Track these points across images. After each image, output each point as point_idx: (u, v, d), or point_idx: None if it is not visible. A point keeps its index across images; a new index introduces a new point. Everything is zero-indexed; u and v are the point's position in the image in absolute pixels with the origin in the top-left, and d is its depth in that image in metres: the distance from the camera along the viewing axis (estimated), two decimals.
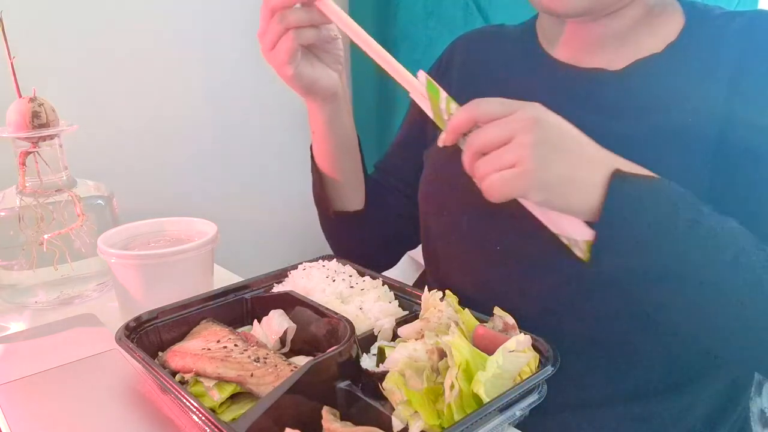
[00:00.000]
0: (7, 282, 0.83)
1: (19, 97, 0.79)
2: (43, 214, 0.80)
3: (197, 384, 0.52)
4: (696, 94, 0.63)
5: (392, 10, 1.43)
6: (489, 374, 0.43)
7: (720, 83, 0.62)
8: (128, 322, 0.58)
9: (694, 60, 0.65)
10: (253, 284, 0.67)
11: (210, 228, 0.77)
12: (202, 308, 0.63)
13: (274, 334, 0.59)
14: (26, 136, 0.78)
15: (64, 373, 0.63)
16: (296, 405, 0.47)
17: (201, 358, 0.53)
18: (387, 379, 0.46)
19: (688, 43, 0.67)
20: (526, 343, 0.47)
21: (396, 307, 0.62)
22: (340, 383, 0.50)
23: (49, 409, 0.57)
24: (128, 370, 0.61)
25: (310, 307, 0.59)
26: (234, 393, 0.52)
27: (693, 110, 0.62)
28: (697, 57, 0.65)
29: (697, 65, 0.65)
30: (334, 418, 0.46)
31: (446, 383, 0.44)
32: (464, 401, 0.43)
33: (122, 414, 0.56)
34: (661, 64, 0.66)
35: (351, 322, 0.55)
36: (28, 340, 0.72)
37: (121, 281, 0.72)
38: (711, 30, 0.66)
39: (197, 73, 1.30)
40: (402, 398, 0.44)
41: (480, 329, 0.50)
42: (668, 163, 0.57)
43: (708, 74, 0.63)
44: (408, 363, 0.47)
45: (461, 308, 0.54)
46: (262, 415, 0.44)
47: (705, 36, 0.66)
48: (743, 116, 0.61)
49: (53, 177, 0.82)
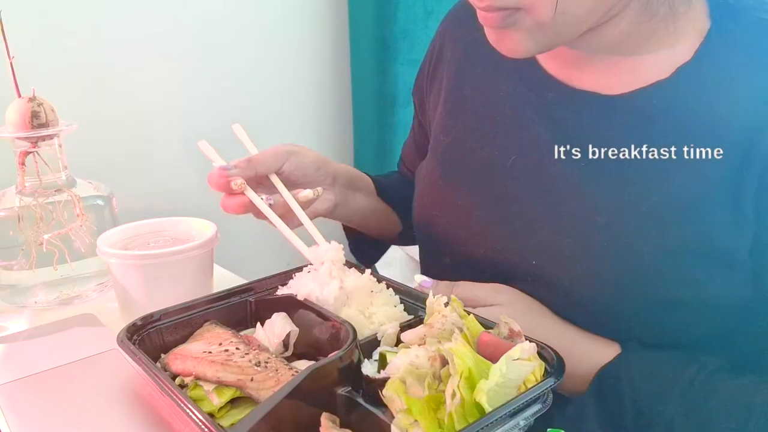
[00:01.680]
0: (6, 282, 0.83)
1: (19, 97, 0.78)
2: (43, 214, 0.80)
3: (197, 388, 0.52)
4: (714, 133, 0.54)
5: (392, 9, 1.43)
6: (492, 383, 0.42)
7: (750, 122, 0.53)
8: (130, 324, 0.57)
9: (711, 90, 0.55)
10: (257, 286, 0.66)
11: (210, 228, 0.77)
12: (206, 310, 0.62)
13: (276, 338, 0.59)
14: (26, 135, 0.77)
15: (63, 373, 0.63)
16: (295, 411, 0.46)
17: (201, 361, 0.53)
18: (387, 386, 0.45)
19: (707, 64, 0.56)
20: (531, 351, 0.46)
21: (401, 312, 0.61)
22: (340, 389, 0.49)
23: (48, 409, 0.57)
24: (128, 370, 0.61)
25: (313, 310, 0.58)
26: (234, 397, 0.51)
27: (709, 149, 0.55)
28: (716, 85, 0.55)
29: (716, 98, 0.55)
30: (333, 425, 0.46)
31: (448, 391, 0.43)
32: (466, 410, 0.42)
33: (122, 414, 0.56)
34: (667, 94, 0.57)
35: (353, 327, 0.54)
36: (27, 341, 0.72)
37: (120, 281, 0.72)
38: (742, 44, 0.55)
39: (198, 73, 1.30)
40: (402, 406, 0.43)
41: (484, 336, 0.50)
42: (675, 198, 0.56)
43: (732, 109, 0.54)
44: (409, 370, 0.46)
45: (466, 314, 0.54)
46: (260, 421, 0.44)
47: (732, 53, 0.55)
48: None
49: (53, 177, 0.81)
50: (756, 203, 0.54)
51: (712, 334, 0.57)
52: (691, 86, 0.56)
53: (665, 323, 0.57)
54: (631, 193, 0.57)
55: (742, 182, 0.53)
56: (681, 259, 0.55)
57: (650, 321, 0.57)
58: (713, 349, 0.57)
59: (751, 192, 0.53)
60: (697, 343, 0.57)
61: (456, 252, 0.70)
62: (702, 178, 0.54)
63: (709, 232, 0.55)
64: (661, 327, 0.57)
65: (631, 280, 0.57)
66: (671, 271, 0.56)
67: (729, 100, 0.54)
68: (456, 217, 0.69)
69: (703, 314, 0.56)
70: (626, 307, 0.57)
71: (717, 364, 0.56)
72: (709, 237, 0.55)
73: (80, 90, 1.12)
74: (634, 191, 0.57)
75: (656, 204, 0.56)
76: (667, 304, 0.56)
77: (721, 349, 0.57)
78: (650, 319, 0.57)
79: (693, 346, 0.57)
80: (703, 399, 0.54)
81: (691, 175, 0.55)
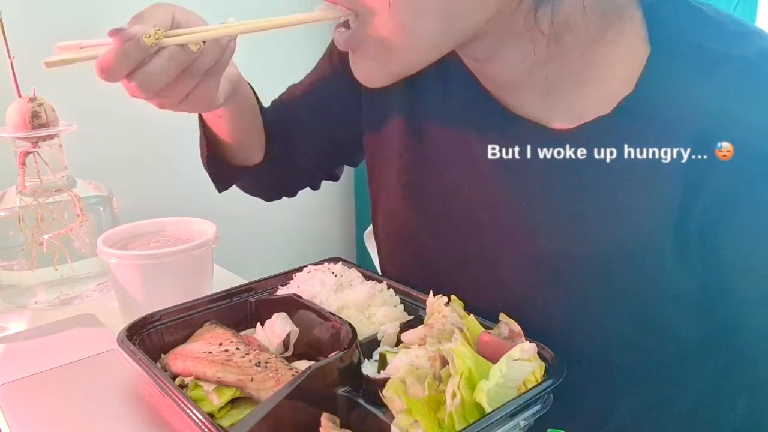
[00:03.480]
0: (6, 282, 0.83)
1: (19, 97, 0.78)
2: (43, 215, 0.79)
3: (197, 388, 0.52)
4: (659, 174, 0.49)
5: None
6: (492, 383, 0.42)
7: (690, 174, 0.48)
8: (130, 324, 0.57)
9: (654, 126, 0.49)
10: (258, 287, 0.66)
11: (210, 228, 0.77)
12: (206, 310, 0.62)
13: (276, 338, 0.59)
14: (26, 136, 0.77)
15: (63, 373, 0.63)
16: (295, 411, 0.46)
17: (202, 361, 0.53)
18: (387, 386, 0.45)
19: (648, 96, 0.50)
20: (531, 351, 0.46)
21: (401, 312, 0.61)
22: (340, 389, 0.49)
23: (48, 409, 0.57)
24: (128, 370, 0.61)
25: (313, 310, 0.58)
26: (234, 397, 0.51)
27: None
28: (659, 122, 0.49)
29: (659, 135, 0.49)
30: (332, 425, 0.46)
31: (448, 392, 0.43)
32: (466, 410, 0.42)
33: (122, 414, 0.55)
34: (609, 132, 0.51)
35: (353, 327, 0.54)
36: (27, 341, 0.72)
37: (120, 281, 0.72)
38: (682, 73, 0.49)
39: None
40: (402, 406, 0.43)
41: (484, 336, 0.50)
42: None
43: (675, 146, 0.48)
44: (409, 370, 0.46)
45: (466, 314, 0.54)
46: (260, 421, 0.44)
47: (673, 84, 0.49)
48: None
49: (53, 177, 0.81)
50: (701, 249, 0.50)
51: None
52: (634, 123, 0.50)
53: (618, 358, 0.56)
54: (573, 238, 0.54)
55: (686, 227, 0.49)
56: (629, 306, 0.53)
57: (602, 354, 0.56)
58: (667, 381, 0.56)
59: (695, 236, 0.49)
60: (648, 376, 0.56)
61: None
62: (646, 224, 0.50)
63: (656, 280, 0.52)
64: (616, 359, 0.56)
65: (581, 324, 0.56)
66: (622, 316, 0.54)
67: (671, 136, 0.49)
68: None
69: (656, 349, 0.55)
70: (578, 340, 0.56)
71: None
72: (655, 284, 0.52)
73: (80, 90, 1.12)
74: (579, 234, 0.54)
75: (599, 252, 0.53)
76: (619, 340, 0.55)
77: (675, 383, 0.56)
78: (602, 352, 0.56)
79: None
80: None
81: (634, 222, 0.51)
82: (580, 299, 0.55)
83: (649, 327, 0.54)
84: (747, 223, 0.47)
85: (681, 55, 0.49)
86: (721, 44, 0.48)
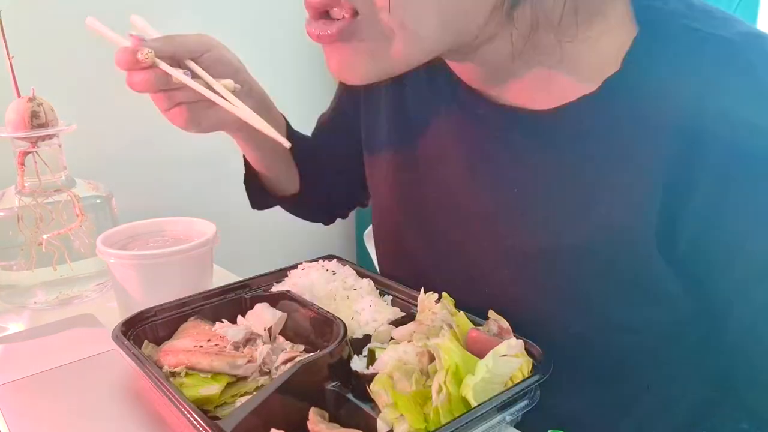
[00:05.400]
0: (6, 282, 0.83)
1: (18, 97, 0.78)
2: (42, 215, 0.79)
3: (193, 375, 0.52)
4: (645, 153, 0.49)
5: None
6: (478, 378, 0.42)
7: (673, 144, 0.47)
8: (125, 319, 0.58)
9: (641, 104, 0.49)
10: (252, 283, 0.67)
11: (209, 228, 0.77)
12: (201, 306, 0.62)
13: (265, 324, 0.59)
14: (25, 135, 0.77)
15: (63, 373, 0.63)
16: (285, 405, 0.47)
17: (195, 353, 0.54)
18: (375, 381, 0.45)
19: (635, 75, 0.50)
20: (518, 347, 0.46)
21: (393, 309, 0.61)
22: (329, 384, 0.50)
23: (48, 409, 0.57)
24: (127, 370, 0.61)
25: (305, 307, 0.59)
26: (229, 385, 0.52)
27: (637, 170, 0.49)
28: (646, 99, 0.49)
29: (647, 112, 0.49)
30: (320, 419, 0.46)
31: (434, 386, 0.43)
32: (453, 405, 0.42)
33: (121, 414, 0.55)
34: (595, 110, 0.51)
35: (344, 323, 0.54)
36: (27, 341, 0.71)
37: (120, 281, 0.72)
38: (670, 53, 0.49)
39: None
40: (388, 401, 0.44)
41: (473, 332, 0.50)
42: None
43: (664, 124, 0.48)
44: (397, 365, 0.46)
45: (456, 311, 0.54)
46: (250, 414, 0.44)
47: (660, 63, 0.49)
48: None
49: (52, 177, 0.81)
50: (694, 228, 0.49)
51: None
52: (620, 100, 0.50)
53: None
54: (557, 222, 0.54)
55: (676, 205, 0.48)
56: (613, 287, 0.53)
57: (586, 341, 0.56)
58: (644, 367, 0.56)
59: (689, 216, 0.48)
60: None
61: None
62: (632, 203, 0.50)
63: (642, 261, 0.51)
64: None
65: (566, 307, 0.56)
66: (606, 299, 0.54)
67: (657, 115, 0.48)
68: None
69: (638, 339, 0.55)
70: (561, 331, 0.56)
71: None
72: (640, 265, 0.51)
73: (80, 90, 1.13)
74: (561, 219, 0.54)
75: (582, 233, 0.53)
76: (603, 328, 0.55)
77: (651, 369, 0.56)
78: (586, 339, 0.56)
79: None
80: None
81: (620, 200, 0.51)
82: (574, 295, 0.55)
83: (639, 321, 0.54)
84: (738, 200, 0.47)
85: (669, 35, 0.49)
86: (709, 26, 0.49)
